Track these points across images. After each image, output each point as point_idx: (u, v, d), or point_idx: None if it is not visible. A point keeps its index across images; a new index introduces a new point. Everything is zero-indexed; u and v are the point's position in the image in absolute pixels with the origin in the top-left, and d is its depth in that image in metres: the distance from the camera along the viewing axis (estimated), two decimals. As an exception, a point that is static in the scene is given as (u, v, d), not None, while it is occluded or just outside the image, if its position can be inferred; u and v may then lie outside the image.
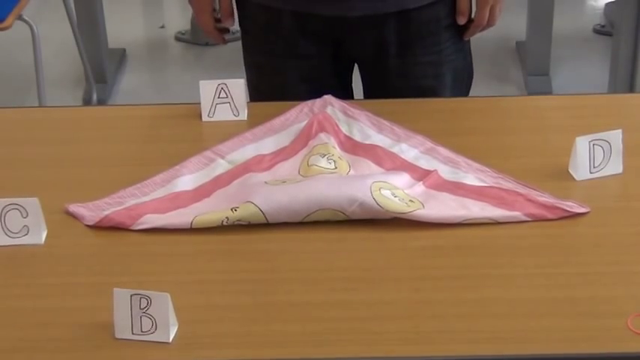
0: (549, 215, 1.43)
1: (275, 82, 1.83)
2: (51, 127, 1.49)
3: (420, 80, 1.84)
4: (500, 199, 1.46)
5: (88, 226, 1.44)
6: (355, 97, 1.91)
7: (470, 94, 1.95)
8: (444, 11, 1.82)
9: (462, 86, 1.92)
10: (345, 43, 1.84)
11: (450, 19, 1.83)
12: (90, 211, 1.46)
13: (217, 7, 1.87)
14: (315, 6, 1.78)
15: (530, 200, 1.45)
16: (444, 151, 1.57)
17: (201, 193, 1.50)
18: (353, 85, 1.94)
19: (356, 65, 1.92)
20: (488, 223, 1.42)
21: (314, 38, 1.83)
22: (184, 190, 1.51)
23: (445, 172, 1.53)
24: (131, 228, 1.43)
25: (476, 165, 1.54)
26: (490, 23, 1.83)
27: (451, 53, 1.86)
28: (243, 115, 1.71)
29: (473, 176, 1.51)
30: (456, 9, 1.82)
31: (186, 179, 1.53)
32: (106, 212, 1.45)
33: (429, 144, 1.59)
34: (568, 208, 1.43)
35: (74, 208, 1.47)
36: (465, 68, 1.92)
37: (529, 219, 1.43)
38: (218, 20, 1.89)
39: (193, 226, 1.42)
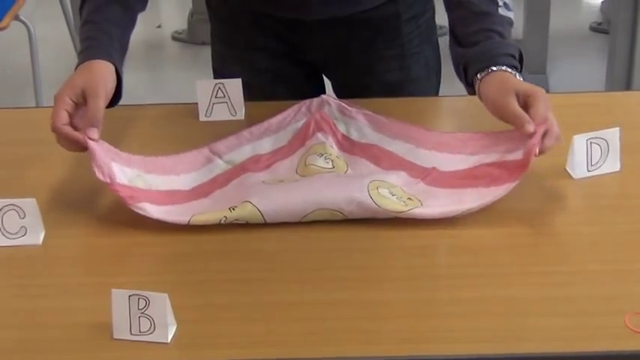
0: (523, 169, 1.41)
1: (235, 70, 1.82)
2: (48, 128, 1.48)
3: (386, 75, 1.83)
4: (489, 176, 1.45)
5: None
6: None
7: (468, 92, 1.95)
8: (403, 6, 1.80)
9: (434, 80, 1.90)
10: (306, 45, 1.83)
11: (411, 12, 1.81)
12: (102, 172, 1.44)
13: None
14: (271, 10, 1.77)
15: (506, 168, 1.44)
16: (434, 137, 1.57)
17: (199, 193, 1.50)
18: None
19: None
20: (485, 221, 1.42)
21: (274, 37, 1.82)
22: (182, 190, 1.51)
23: (440, 159, 1.53)
24: (130, 206, 1.42)
25: (461, 135, 1.55)
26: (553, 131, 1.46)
27: (416, 45, 1.84)
28: (241, 115, 1.71)
29: (463, 155, 1.52)
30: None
31: (184, 179, 1.53)
32: (117, 180, 1.43)
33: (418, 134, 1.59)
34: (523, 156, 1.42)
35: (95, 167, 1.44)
36: (436, 61, 1.90)
37: (517, 182, 1.42)
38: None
39: (191, 224, 1.41)
